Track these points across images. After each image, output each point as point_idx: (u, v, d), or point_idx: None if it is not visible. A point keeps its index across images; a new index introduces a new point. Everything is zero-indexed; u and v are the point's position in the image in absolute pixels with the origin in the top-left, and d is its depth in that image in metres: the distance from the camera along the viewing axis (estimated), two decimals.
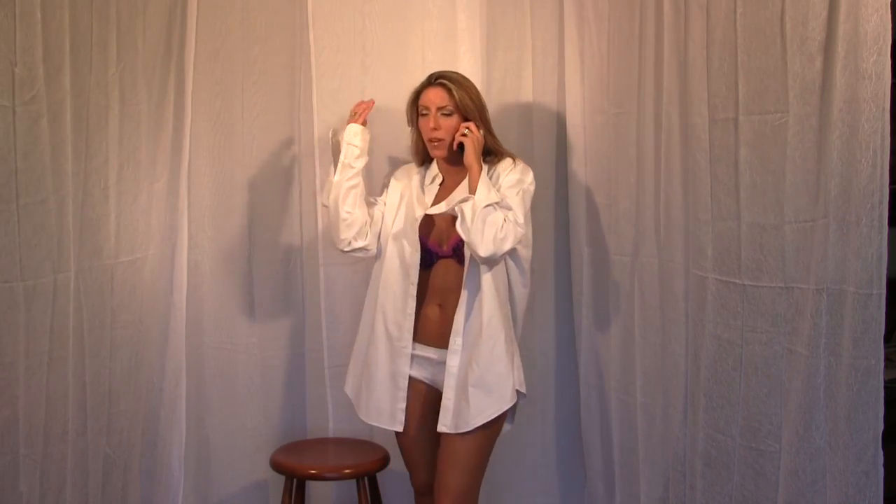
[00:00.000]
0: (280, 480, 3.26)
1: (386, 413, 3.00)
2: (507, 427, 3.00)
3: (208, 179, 3.53)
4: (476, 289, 2.89)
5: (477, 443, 2.91)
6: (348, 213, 2.99)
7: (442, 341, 2.95)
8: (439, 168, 3.04)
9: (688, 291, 2.90)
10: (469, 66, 3.42)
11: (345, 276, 3.50)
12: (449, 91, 2.93)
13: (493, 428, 2.92)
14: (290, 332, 3.60)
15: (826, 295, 2.42)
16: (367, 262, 3.46)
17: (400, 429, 3.00)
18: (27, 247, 2.53)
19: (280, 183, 3.55)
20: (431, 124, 2.92)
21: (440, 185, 3.03)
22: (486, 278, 2.89)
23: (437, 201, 2.99)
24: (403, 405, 2.98)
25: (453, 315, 2.92)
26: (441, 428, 2.90)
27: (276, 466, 3.22)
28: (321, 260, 3.48)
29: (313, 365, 3.56)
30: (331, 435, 3.52)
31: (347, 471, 3.17)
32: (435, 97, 2.94)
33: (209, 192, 3.53)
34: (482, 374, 2.88)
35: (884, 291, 2.33)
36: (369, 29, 3.47)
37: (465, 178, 2.92)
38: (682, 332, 2.93)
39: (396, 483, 3.40)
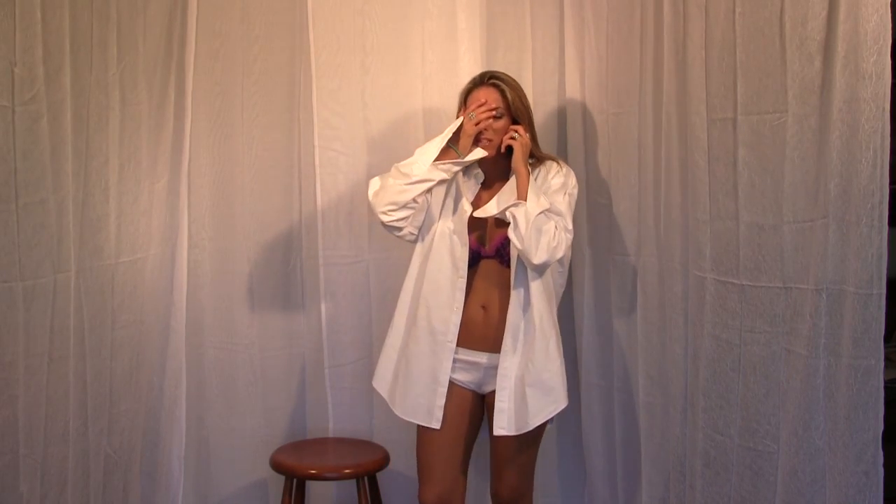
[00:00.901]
0: (280, 480, 3.26)
1: (423, 409, 2.94)
2: (548, 427, 2.98)
3: (208, 179, 3.54)
4: (525, 289, 2.87)
5: (528, 443, 2.93)
6: (416, 202, 2.90)
7: (488, 345, 2.92)
8: (481, 166, 3.01)
9: (686, 291, 2.89)
10: (469, 66, 3.42)
11: (345, 276, 3.50)
12: (502, 92, 2.92)
13: (541, 427, 2.91)
14: (290, 332, 3.59)
15: (825, 295, 2.42)
16: (367, 262, 3.48)
17: (437, 426, 2.93)
18: (27, 247, 2.53)
19: (280, 183, 3.55)
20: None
21: (482, 183, 3.01)
22: (535, 276, 2.87)
23: (478, 200, 2.97)
24: (443, 402, 2.93)
25: (498, 317, 2.90)
26: (499, 431, 2.86)
27: (276, 466, 3.22)
28: (321, 260, 3.48)
29: (313, 365, 3.56)
30: (331, 435, 3.52)
31: (347, 471, 3.17)
32: (487, 97, 2.91)
33: (209, 192, 3.54)
34: (539, 374, 2.85)
35: (884, 291, 2.32)
36: (369, 29, 3.47)
37: (506, 179, 2.93)
38: (682, 333, 2.93)
39: (396, 483, 3.40)
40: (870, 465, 2.36)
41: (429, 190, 2.91)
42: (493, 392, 2.90)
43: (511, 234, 2.79)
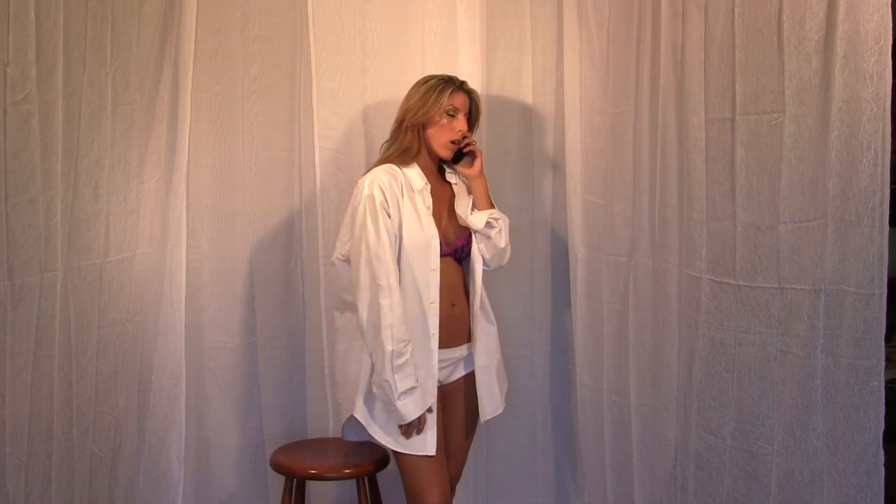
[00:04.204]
0: (280, 480, 3.26)
1: (418, 440, 2.91)
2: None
3: (208, 179, 3.55)
4: (479, 284, 3.03)
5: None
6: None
7: (460, 338, 3.04)
8: (425, 174, 3.01)
9: (681, 292, 2.88)
10: (469, 66, 3.42)
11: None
12: (472, 101, 3.02)
13: None
14: (290, 332, 3.60)
15: (824, 295, 2.41)
16: None
17: (434, 452, 2.92)
18: (14, 246, 2.54)
19: (280, 183, 3.55)
20: (464, 128, 2.98)
21: (429, 191, 3.00)
22: (482, 273, 3.03)
23: (436, 212, 2.98)
24: (435, 430, 2.92)
25: (463, 309, 3.02)
26: (486, 417, 3.07)
27: (276, 466, 3.21)
28: (321, 260, 3.47)
29: (313, 365, 3.56)
30: (331, 435, 3.52)
31: (347, 471, 3.16)
32: (465, 103, 3.00)
33: (209, 192, 3.55)
34: (499, 359, 3.12)
35: (885, 291, 2.31)
36: (369, 29, 3.47)
37: (448, 186, 3.08)
38: (676, 333, 2.92)
39: (396, 483, 3.39)
40: (871, 464, 2.36)
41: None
42: (453, 382, 3.04)
43: (497, 239, 3.04)
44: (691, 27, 2.77)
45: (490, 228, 3.02)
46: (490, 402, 3.06)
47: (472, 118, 3.04)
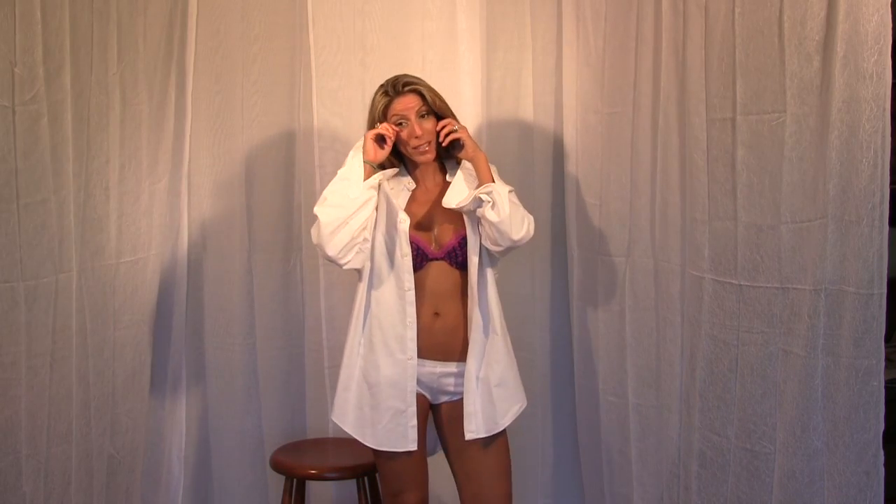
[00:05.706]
0: (280, 480, 3.26)
1: (397, 435, 2.82)
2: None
3: (208, 179, 3.54)
4: (483, 289, 2.82)
5: (505, 444, 2.89)
6: (366, 239, 2.78)
7: (441, 353, 2.84)
8: (412, 175, 2.90)
9: (684, 292, 2.89)
10: (469, 66, 3.43)
11: (345, 276, 3.49)
12: (421, 95, 2.82)
13: (504, 430, 2.89)
14: (290, 331, 3.59)
15: (824, 295, 2.42)
16: None
17: (415, 447, 2.81)
18: (28, 247, 2.53)
19: (280, 183, 3.55)
20: (417, 132, 2.78)
21: (411, 191, 2.89)
22: (490, 277, 2.84)
23: (409, 210, 2.83)
24: (415, 421, 2.82)
25: (451, 322, 2.84)
26: (469, 435, 2.80)
27: (276, 466, 3.22)
28: (321, 260, 3.47)
29: (313, 365, 3.56)
30: (331, 435, 3.51)
31: (347, 471, 3.17)
32: (411, 103, 2.79)
33: (209, 192, 3.54)
34: (503, 373, 2.84)
35: (885, 291, 2.32)
36: (369, 29, 3.47)
37: (440, 181, 2.88)
38: (678, 333, 2.92)
39: None
40: (871, 464, 2.37)
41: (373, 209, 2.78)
42: (445, 404, 2.88)
43: (488, 213, 2.71)
44: (692, 27, 2.78)
45: (478, 205, 2.74)
46: (475, 420, 2.80)
47: (435, 109, 2.82)
